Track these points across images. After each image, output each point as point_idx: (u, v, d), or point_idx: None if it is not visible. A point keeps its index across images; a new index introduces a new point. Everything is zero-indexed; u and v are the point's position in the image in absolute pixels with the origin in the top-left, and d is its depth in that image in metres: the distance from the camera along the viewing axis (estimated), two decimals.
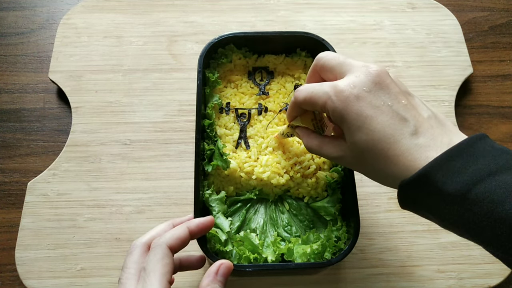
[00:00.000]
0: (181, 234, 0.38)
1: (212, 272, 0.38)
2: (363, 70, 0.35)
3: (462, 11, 0.74)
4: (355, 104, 0.34)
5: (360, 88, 0.34)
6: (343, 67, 0.37)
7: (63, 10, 0.71)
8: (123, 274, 0.36)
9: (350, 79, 0.35)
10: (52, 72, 0.64)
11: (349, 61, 0.37)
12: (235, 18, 0.70)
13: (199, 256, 0.43)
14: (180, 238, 0.38)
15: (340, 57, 0.38)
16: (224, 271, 0.38)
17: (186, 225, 0.39)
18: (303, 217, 0.50)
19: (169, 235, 0.37)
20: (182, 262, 0.42)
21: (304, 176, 0.49)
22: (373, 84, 0.34)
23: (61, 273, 0.52)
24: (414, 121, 0.33)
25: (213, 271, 0.38)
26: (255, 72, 0.55)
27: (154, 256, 0.36)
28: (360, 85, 0.34)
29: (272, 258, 0.45)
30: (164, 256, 0.36)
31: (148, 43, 0.67)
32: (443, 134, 0.33)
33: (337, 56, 0.38)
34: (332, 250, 0.45)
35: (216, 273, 0.38)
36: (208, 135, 0.50)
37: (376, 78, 0.35)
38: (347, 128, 0.35)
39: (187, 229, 0.39)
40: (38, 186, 0.56)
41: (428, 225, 0.56)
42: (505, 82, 0.69)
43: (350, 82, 0.35)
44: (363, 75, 0.35)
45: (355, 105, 0.34)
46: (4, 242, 0.55)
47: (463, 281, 0.53)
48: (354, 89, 0.34)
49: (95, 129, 0.60)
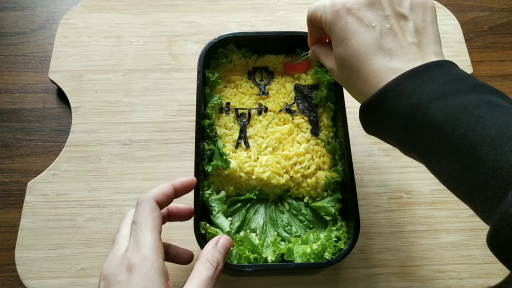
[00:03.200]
0: (167, 190, 0.38)
1: (213, 242, 0.38)
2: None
3: (462, 11, 0.74)
4: (343, 18, 0.35)
5: (352, 4, 0.35)
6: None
7: (63, 10, 0.71)
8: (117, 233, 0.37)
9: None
10: (52, 72, 0.64)
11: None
12: (235, 18, 0.70)
13: (188, 207, 0.43)
14: (165, 193, 0.38)
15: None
16: (224, 242, 0.38)
17: (170, 182, 0.40)
18: (303, 217, 0.50)
19: (155, 191, 0.38)
20: (170, 212, 0.42)
21: (304, 176, 0.49)
22: (366, 1, 0.35)
23: (61, 273, 0.52)
24: (392, 44, 0.34)
25: (213, 241, 0.38)
26: (255, 72, 0.55)
27: (143, 210, 0.36)
28: (353, 1, 0.35)
29: (272, 258, 0.45)
30: (153, 209, 0.36)
31: (148, 43, 0.67)
32: (418, 58, 0.34)
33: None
34: (332, 250, 0.45)
35: (216, 244, 0.38)
36: (208, 135, 0.50)
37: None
38: (333, 41, 0.37)
39: (172, 186, 0.39)
40: (38, 186, 0.56)
41: (428, 225, 0.56)
42: (505, 82, 0.68)
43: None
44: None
45: (342, 20, 0.35)
46: (4, 242, 0.55)
47: (463, 281, 0.53)
48: (347, 4, 0.35)
49: (95, 129, 0.60)
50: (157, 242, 0.34)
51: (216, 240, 0.38)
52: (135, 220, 0.35)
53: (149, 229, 0.34)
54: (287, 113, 0.52)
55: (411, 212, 0.56)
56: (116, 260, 0.33)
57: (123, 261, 0.33)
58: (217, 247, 0.37)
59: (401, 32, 0.35)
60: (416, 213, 0.56)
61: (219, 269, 0.36)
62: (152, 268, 0.32)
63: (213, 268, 0.35)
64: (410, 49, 0.34)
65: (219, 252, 0.37)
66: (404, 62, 0.33)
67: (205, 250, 0.37)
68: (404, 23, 0.35)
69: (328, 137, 0.51)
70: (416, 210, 0.57)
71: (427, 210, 0.56)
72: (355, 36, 0.35)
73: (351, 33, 0.35)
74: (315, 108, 0.52)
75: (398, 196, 0.57)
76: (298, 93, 0.53)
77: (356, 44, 0.35)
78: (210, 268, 0.35)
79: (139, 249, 0.33)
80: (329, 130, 0.51)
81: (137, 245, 0.33)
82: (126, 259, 0.33)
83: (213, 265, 0.36)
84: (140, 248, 0.33)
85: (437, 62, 0.33)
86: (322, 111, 0.52)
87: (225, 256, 0.38)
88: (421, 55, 0.34)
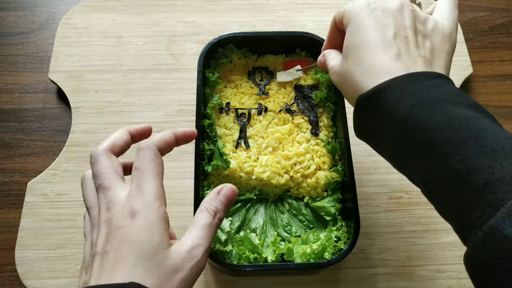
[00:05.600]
0: (168, 138, 0.37)
1: (215, 191, 0.37)
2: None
3: (462, 11, 0.74)
4: (365, 13, 0.36)
5: (377, 6, 0.37)
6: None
7: (63, 10, 0.71)
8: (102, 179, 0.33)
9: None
10: (52, 72, 0.64)
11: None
12: (235, 18, 0.70)
13: (192, 130, 0.41)
14: (167, 141, 0.37)
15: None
16: (227, 192, 0.36)
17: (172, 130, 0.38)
18: (303, 217, 0.50)
19: (157, 138, 0.36)
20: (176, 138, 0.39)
21: (304, 176, 0.49)
22: (391, 7, 0.36)
23: (61, 273, 0.52)
24: (403, 48, 0.35)
25: (215, 190, 0.37)
26: (255, 72, 0.55)
27: (145, 156, 0.34)
28: (380, 3, 0.37)
29: (272, 258, 0.44)
30: (155, 156, 0.35)
31: (148, 43, 0.67)
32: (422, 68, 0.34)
33: None
34: (332, 250, 0.45)
35: (218, 193, 0.36)
36: (208, 135, 0.50)
37: (398, 5, 0.36)
38: (349, 30, 0.38)
39: (173, 134, 0.38)
40: (38, 186, 0.56)
41: (428, 225, 0.56)
42: (505, 82, 0.69)
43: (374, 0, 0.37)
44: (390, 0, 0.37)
45: (364, 13, 0.36)
46: (4, 242, 0.55)
47: (463, 281, 0.53)
48: (373, 4, 0.37)
49: (95, 129, 0.60)
50: (160, 189, 0.33)
51: (218, 189, 0.37)
52: (137, 166, 0.34)
53: (152, 175, 0.33)
54: (287, 113, 0.52)
55: (411, 212, 0.57)
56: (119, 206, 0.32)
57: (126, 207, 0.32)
58: (218, 197, 0.36)
59: (415, 44, 0.35)
60: (416, 213, 0.56)
61: (218, 217, 0.35)
62: (155, 215, 0.32)
63: (211, 216, 0.35)
64: (417, 59, 0.35)
65: (220, 201, 0.36)
66: (407, 65, 0.34)
67: (206, 199, 0.36)
68: (421, 39, 0.36)
69: (328, 137, 0.51)
70: (416, 210, 0.57)
71: (427, 210, 0.56)
72: (371, 30, 0.36)
73: (368, 25, 0.36)
74: (315, 108, 0.52)
75: (398, 196, 0.57)
76: (298, 93, 0.53)
77: (370, 35, 0.35)
78: (207, 216, 0.34)
79: (142, 195, 0.32)
80: (329, 130, 0.51)
81: (140, 191, 0.33)
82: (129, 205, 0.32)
83: (210, 213, 0.35)
84: (143, 194, 0.32)
85: (442, 74, 0.34)
86: (322, 111, 0.52)
87: (227, 205, 0.36)
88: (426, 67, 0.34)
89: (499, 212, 0.25)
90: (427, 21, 0.37)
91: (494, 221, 0.25)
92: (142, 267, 0.30)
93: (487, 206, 0.26)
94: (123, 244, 0.30)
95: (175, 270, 0.31)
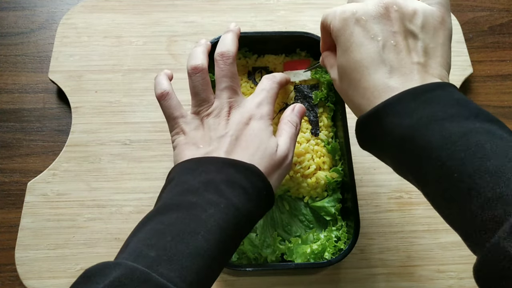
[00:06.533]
0: (287, 78, 0.48)
1: (289, 109, 0.44)
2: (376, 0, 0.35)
3: (462, 11, 0.74)
4: (350, 27, 0.35)
5: (361, 15, 0.34)
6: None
7: (63, 10, 0.71)
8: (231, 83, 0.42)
9: (358, 4, 0.35)
10: (52, 72, 0.64)
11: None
12: (235, 18, 0.70)
13: None
14: (286, 79, 0.47)
15: None
16: (299, 109, 0.44)
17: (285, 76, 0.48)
18: (303, 217, 0.50)
19: (281, 76, 0.46)
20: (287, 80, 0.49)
21: (304, 176, 0.49)
22: (375, 13, 0.34)
23: (61, 273, 0.52)
24: (394, 61, 0.33)
25: (290, 108, 0.44)
26: (255, 72, 0.55)
27: (272, 83, 0.44)
28: (363, 12, 0.34)
29: (272, 258, 0.45)
30: (277, 87, 0.44)
31: (148, 43, 0.67)
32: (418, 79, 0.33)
33: None
34: (332, 250, 0.45)
35: (293, 110, 0.44)
36: None
37: (381, 9, 0.34)
38: (338, 49, 0.37)
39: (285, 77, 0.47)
40: (38, 186, 0.56)
41: (428, 225, 0.56)
42: (505, 82, 0.69)
43: (356, 7, 0.35)
44: (372, 4, 0.35)
45: (349, 29, 0.35)
46: (4, 242, 0.55)
47: (463, 281, 0.53)
48: (356, 14, 0.34)
49: (95, 129, 0.60)
50: (272, 111, 0.42)
51: (292, 107, 0.44)
52: (264, 87, 0.43)
53: (271, 101, 0.42)
54: None
55: (411, 212, 0.57)
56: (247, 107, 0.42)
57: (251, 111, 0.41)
58: (294, 112, 0.44)
59: (407, 50, 0.34)
60: (416, 213, 0.56)
61: (298, 129, 0.43)
62: (269, 124, 0.41)
63: (294, 127, 0.42)
64: (411, 69, 0.33)
65: (296, 115, 0.44)
66: (402, 81, 0.33)
67: (285, 114, 0.44)
68: (412, 42, 0.34)
69: (328, 137, 0.51)
70: (416, 210, 0.57)
71: (427, 210, 0.56)
72: (359, 48, 0.34)
73: (355, 44, 0.34)
74: (315, 108, 0.52)
75: (398, 196, 0.57)
76: (298, 93, 0.53)
77: (358, 57, 0.34)
78: (292, 127, 0.42)
79: (261, 111, 0.41)
80: (329, 130, 0.51)
81: (260, 107, 0.41)
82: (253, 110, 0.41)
83: (293, 125, 0.43)
84: (261, 110, 0.41)
85: (438, 84, 0.32)
86: (322, 111, 0.52)
87: (301, 119, 0.44)
88: (422, 75, 0.33)
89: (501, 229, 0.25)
90: (415, 16, 0.34)
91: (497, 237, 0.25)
92: (259, 156, 0.38)
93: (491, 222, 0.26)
94: (249, 136, 0.39)
95: (277, 166, 0.39)
